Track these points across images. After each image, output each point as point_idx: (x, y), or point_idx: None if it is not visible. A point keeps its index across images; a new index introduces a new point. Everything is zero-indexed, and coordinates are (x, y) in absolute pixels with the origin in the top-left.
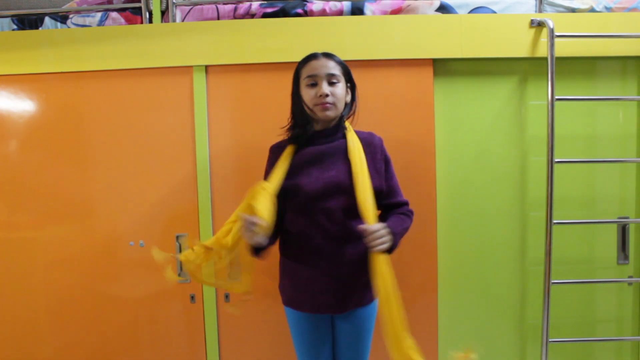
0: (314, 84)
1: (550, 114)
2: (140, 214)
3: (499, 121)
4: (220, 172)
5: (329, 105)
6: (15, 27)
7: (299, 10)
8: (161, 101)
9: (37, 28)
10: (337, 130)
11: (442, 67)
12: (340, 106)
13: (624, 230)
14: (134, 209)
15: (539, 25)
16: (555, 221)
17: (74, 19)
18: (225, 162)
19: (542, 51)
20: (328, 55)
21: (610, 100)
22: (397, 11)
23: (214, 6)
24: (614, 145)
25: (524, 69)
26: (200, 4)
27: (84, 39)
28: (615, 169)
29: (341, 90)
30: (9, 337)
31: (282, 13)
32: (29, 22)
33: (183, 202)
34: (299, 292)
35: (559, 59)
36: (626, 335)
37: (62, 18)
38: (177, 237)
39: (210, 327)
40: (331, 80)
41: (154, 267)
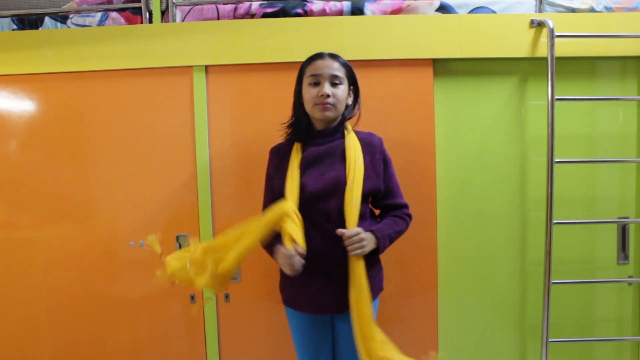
0: (316, 83)
1: (550, 114)
2: (140, 214)
3: (499, 121)
4: (220, 172)
5: (328, 105)
6: (15, 27)
7: (299, 10)
8: (161, 101)
9: (37, 28)
10: (337, 131)
11: (442, 67)
12: (340, 108)
13: (624, 230)
14: (134, 209)
15: (539, 25)
16: (555, 221)
17: (74, 19)
18: (225, 162)
19: (542, 51)
20: (333, 56)
21: (610, 100)
22: (397, 11)
23: (214, 6)
24: (614, 145)
25: (524, 69)
26: (200, 4)
27: (84, 39)
28: (615, 169)
29: (343, 92)
30: (9, 337)
31: (282, 13)
32: (29, 22)
33: (183, 202)
34: (299, 292)
35: (559, 59)
36: (626, 335)
37: (62, 18)
38: (177, 237)
39: (210, 327)
40: (334, 82)
41: (154, 267)
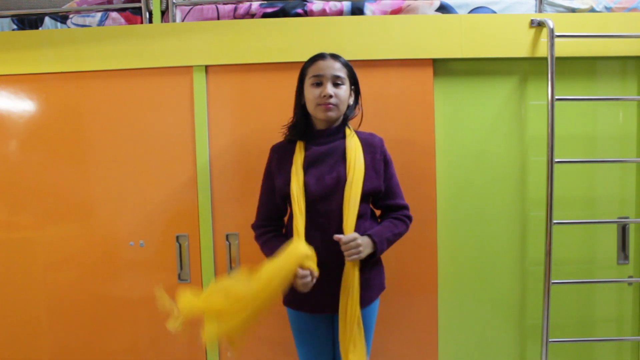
0: (318, 84)
1: (550, 114)
2: (140, 214)
3: (499, 121)
4: (220, 172)
5: (331, 106)
6: (15, 27)
7: (299, 10)
8: (161, 101)
9: (37, 28)
10: (339, 131)
11: (442, 67)
12: (342, 108)
13: (624, 230)
14: (134, 209)
15: (539, 25)
16: (555, 221)
17: (74, 19)
18: (225, 162)
19: (542, 51)
20: (335, 57)
21: (610, 100)
22: (397, 11)
23: (214, 6)
24: (614, 145)
25: (524, 69)
26: (200, 4)
27: (84, 39)
28: (615, 169)
29: (345, 92)
30: (9, 337)
31: (282, 13)
32: (29, 22)
33: (183, 202)
34: (299, 292)
35: (559, 59)
36: (626, 335)
37: (62, 18)
38: (177, 237)
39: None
40: (336, 82)
41: (154, 267)
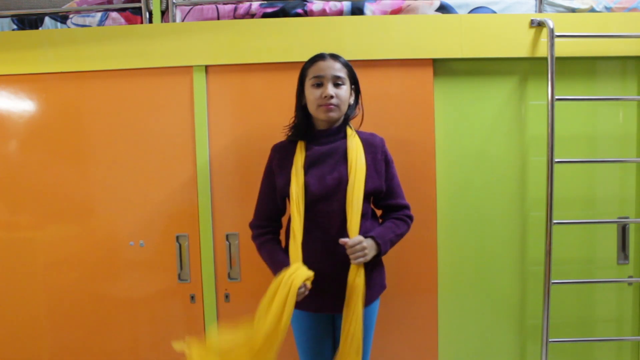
0: (319, 84)
1: (550, 114)
2: (140, 214)
3: (499, 121)
4: (220, 172)
5: (332, 107)
6: (15, 27)
7: (299, 10)
8: (161, 101)
9: (37, 28)
10: (340, 131)
11: (442, 67)
12: (343, 108)
13: (624, 230)
14: (134, 209)
15: (539, 25)
16: (555, 221)
17: (74, 19)
18: (225, 162)
19: (542, 51)
20: (335, 57)
21: (610, 100)
22: (397, 11)
23: (214, 6)
24: (614, 145)
25: (524, 69)
26: (200, 4)
27: (84, 39)
28: (615, 169)
29: (345, 92)
30: (9, 337)
31: (282, 13)
32: (29, 22)
33: (183, 202)
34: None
35: (559, 59)
36: (626, 335)
37: (62, 18)
38: (177, 237)
39: (210, 327)
40: (336, 82)
41: (154, 267)
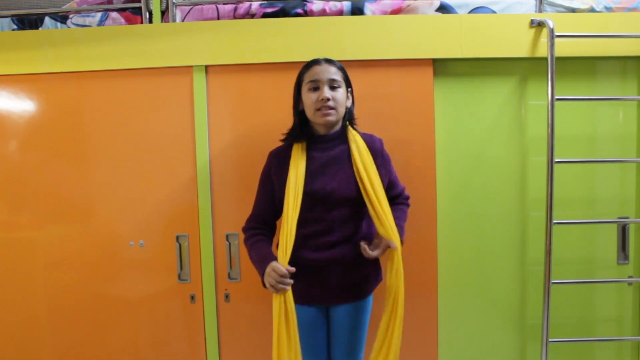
0: (315, 88)
1: (550, 114)
2: (140, 214)
3: (499, 121)
4: (220, 172)
5: (330, 110)
6: (15, 27)
7: (299, 10)
8: (161, 101)
9: (37, 28)
10: (340, 135)
11: (442, 67)
12: (341, 111)
13: (624, 230)
14: (134, 209)
15: (539, 25)
16: (555, 221)
17: (74, 19)
18: (225, 162)
19: (542, 51)
20: (330, 61)
21: (610, 100)
22: (397, 11)
23: (214, 6)
24: (614, 145)
25: (524, 69)
26: (200, 4)
27: (84, 39)
28: (615, 169)
29: (342, 95)
30: (9, 337)
31: (282, 13)
32: (29, 22)
33: (183, 202)
34: (295, 285)
35: (559, 59)
36: (626, 335)
37: (62, 18)
38: (177, 237)
39: (210, 327)
40: (332, 85)
41: (154, 267)
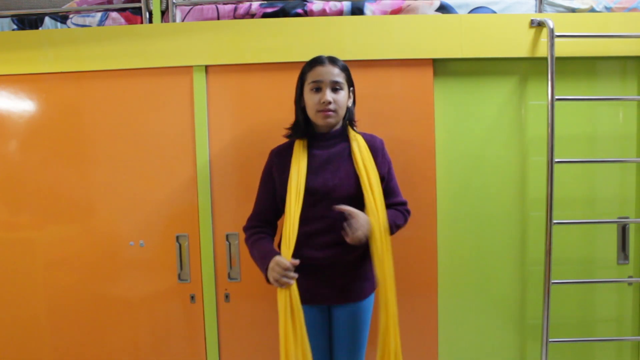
0: (318, 89)
1: (550, 114)
2: (140, 214)
3: (499, 121)
4: (220, 172)
5: (330, 113)
6: (15, 27)
7: (299, 10)
8: (161, 101)
9: (37, 28)
10: (341, 134)
11: (442, 67)
12: (341, 113)
13: (624, 230)
14: (134, 209)
15: (539, 25)
16: (555, 221)
17: (74, 19)
18: (225, 162)
19: (542, 51)
20: (333, 61)
21: (610, 100)
22: (397, 11)
23: (214, 6)
24: (614, 145)
25: (524, 69)
26: (200, 4)
27: (84, 39)
28: (615, 169)
29: (343, 97)
30: (9, 337)
31: (282, 13)
32: (29, 22)
33: (183, 202)
34: (298, 284)
35: (559, 59)
36: (626, 335)
37: (62, 18)
38: (177, 237)
39: (210, 327)
40: (335, 87)
41: (154, 267)
